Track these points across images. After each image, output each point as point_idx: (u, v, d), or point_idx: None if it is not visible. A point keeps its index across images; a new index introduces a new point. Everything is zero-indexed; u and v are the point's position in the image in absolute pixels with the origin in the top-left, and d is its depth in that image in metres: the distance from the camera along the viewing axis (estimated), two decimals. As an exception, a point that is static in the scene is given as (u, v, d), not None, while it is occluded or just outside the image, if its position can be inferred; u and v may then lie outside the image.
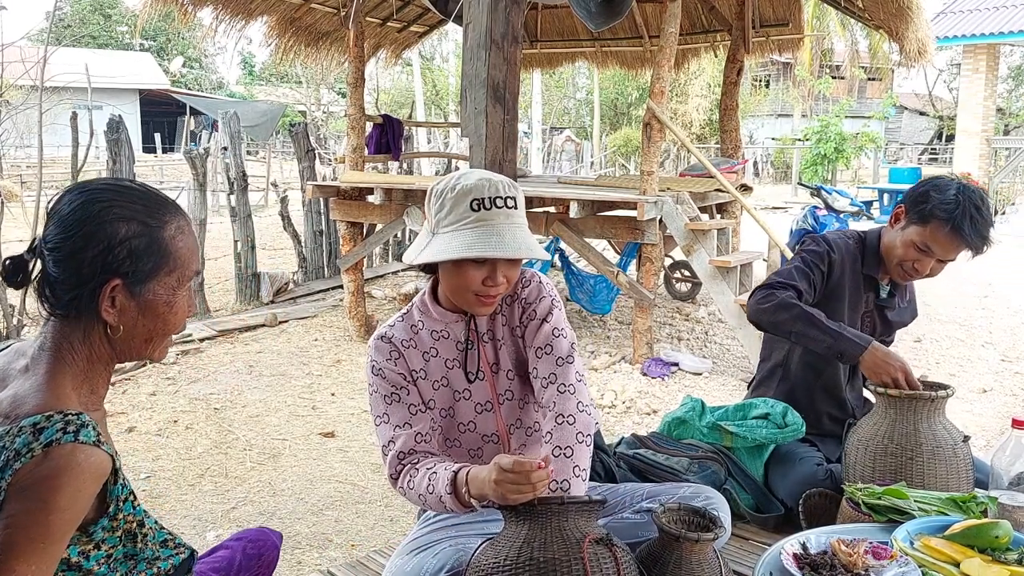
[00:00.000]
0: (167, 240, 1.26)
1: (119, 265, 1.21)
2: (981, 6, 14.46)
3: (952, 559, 1.51)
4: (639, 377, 5.31)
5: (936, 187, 2.18)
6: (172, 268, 1.27)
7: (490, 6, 4.75)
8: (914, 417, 1.90)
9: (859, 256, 2.34)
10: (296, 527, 3.32)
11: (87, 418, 1.17)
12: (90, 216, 1.21)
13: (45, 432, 1.13)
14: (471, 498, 1.48)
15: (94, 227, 1.20)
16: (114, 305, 1.22)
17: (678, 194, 5.59)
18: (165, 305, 1.27)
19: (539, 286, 1.74)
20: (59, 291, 1.21)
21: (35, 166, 7.54)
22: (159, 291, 1.26)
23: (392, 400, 1.68)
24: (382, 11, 7.89)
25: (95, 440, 1.15)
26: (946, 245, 2.16)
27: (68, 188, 1.27)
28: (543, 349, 1.68)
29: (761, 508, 2.18)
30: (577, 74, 27.55)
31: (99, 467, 1.15)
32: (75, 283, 1.20)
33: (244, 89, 36.63)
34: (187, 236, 1.30)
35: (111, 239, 1.21)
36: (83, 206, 1.22)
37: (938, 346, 6.11)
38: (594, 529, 1.40)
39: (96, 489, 1.15)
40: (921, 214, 2.17)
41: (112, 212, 1.22)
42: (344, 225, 6.52)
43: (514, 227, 1.57)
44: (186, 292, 1.31)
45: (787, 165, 23.45)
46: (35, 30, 19.26)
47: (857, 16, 7.12)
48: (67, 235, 1.20)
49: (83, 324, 1.24)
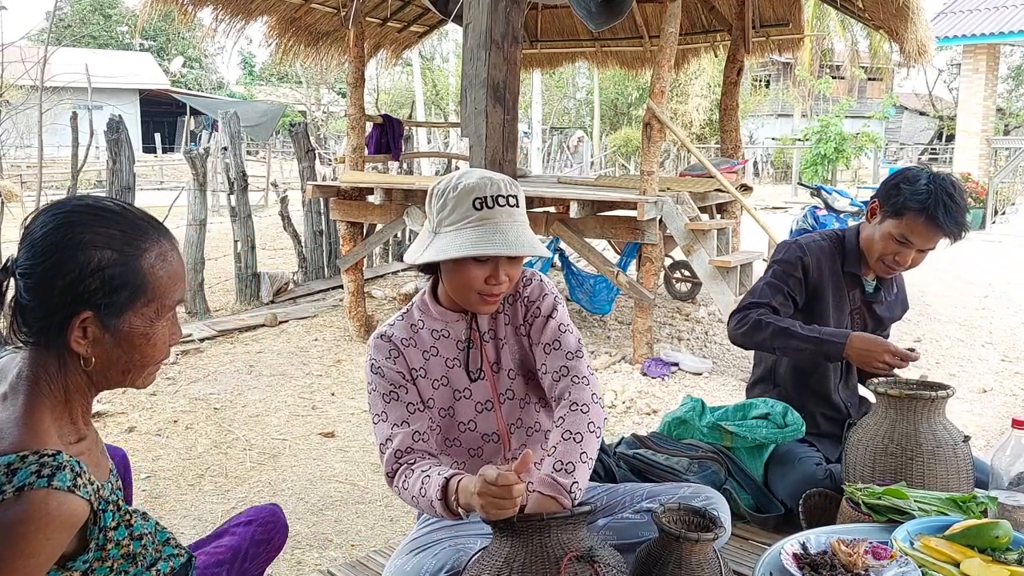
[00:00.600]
0: (145, 269, 1.17)
1: (90, 296, 1.13)
2: (981, 6, 14.46)
3: (952, 559, 1.51)
4: (639, 377, 5.31)
5: (907, 179, 2.19)
6: (150, 299, 1.18)
7: (490, 6, 4.75)
8: (914, 417, 1.91)
9: (838, 255, 2.34)
10: (296, 527, 3.32)
11: (64, 458, 1.11)
12: (62, 242, 1.13)
13: (19, 474, 1.07)
14: (460, 508, 1.46)
15: (65, 254, 1.13)
16: (85, 336, 1.15)
17: (678, 194, 5.59)
18: (142, 336, 1.19)
19: (540, 284, 1.75)
20: (29, 318, 1.14)
21: (35, 166, 7.54)
22: (135, 322, 1.18)
23: (390, 398, 1.68)
24: (382, 11, 7.89)
25: (69, 485, 1.09)
26: (923, 235, 2.16)
27: (44, 208, 1.19)
28: (551, 345, 1.69)
29: (761, 508, 2.18)
30: (577, 74, 27.55)
31: (71, 515, 1.09)
32: (45, 312, 1.13)
33: (244, 89, 36.64)
34: (169, 264, 1.21)
35: (83, 268, 1.13)
36: (56, 230, 1.14)
37: (938, 346, 6.11)
38: (579, 543, 1.38)
39: (68, 536, 1.10)
40: (895, 207, 2.18)
41: (85, 238, 1.14)
42: (344, 225, 6.52)
43: (516, 225, 1.57)
44: (166, 322, 1.22)
45: (787, 165, 23.45)
46: (35, 30, 19.27)
47: (857, 16, 7.12)
48: (37, 261, 1.13)
49: (57, 353, 1.17)
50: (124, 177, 6.03)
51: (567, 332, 1.71)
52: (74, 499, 1.09)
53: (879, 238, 2.24)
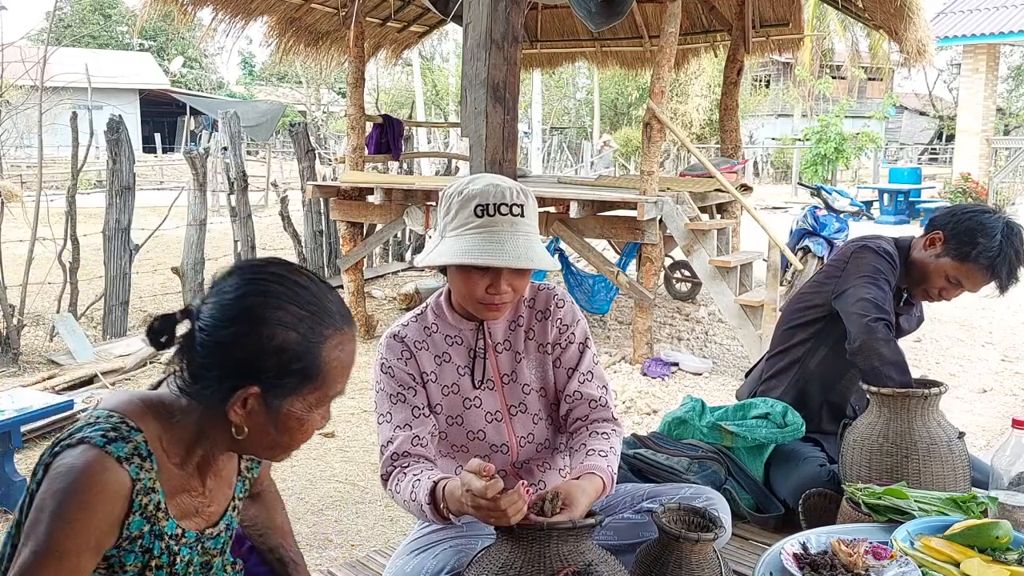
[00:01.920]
0: (323, 358, 1.14)
1: (263, 373, 1.10)
2: (981, 6, 14.45)
3: (952, 559, 1.51)
4: (639, 377, 5.31)
5: (983, 230, 2.15)
6: (318, 387, 1.15)
7: (490, 6, 4.75)
8: (908, 415, 1.91)
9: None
10: (296, 527, 3.31)
11: (139, 436, 1.10)
12: (251, 311, 1.10)
13: (92, 427, 1.08)
14: (450, 513, 1.46)
15: (251, 326, 1.09)
16: (244, 407, 1.12)
17: (678, 194, 5.59)
18: (297, 421, 1.16)
19: (573, 308, 1.77)
20: (197, 373, 1.12)
21: (35, 166, 7.54)
22: (296, 406, 1.15)
23: (397, 400, 1.67)
24: (382, 11, 7.89)
25: (124, 455, 1.08)
26: (979, 283, 2.21)
27: (239, 265, 1.17)
28: (585, 376, 1.73)
29: (761, 508, 2.18)
30: (577, 74, 27.55)
31: (112, 484, 1.07)
32: (214, 375, 1.11)
33: (244, 89, 36.65)
34: (345, 355, 1.18)
35: (266, 344, 1.09)
36: (248, 297, 1.11)
37: (938, 346, 6.11)
38: (580, 556, 1.35)
39: (110, 509, 1.08)
40: (962, 254, 2.18)
41: (276, 315, 1.10)
42: (344, 225, 6.52)
43: (517, 235, 1.54)
44: (323, 410, 1.20)
45: (787, 165, 23.44)
46: (35, 30, 19.28)
47: (857, 16, 7.12)
48: (221, 323, 1.10)
49: (209, 410, 1.14)
50: (124, 177, 6.03)
51: (598, 364, 1.77)
52: (119, 470, 1.07)
53: (934, 271, 2.24)
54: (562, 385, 1.74)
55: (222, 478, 1.27)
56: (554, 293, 1.76)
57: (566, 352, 1.73)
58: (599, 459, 1.58)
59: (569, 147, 24.74)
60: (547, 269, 1.59)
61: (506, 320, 1.72)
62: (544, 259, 1.56)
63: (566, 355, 1.73)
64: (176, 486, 1.18)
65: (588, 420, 1.71)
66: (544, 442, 1.76)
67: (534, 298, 1.75)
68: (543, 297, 1.75)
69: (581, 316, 1.78)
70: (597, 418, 1.71)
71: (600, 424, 1.70)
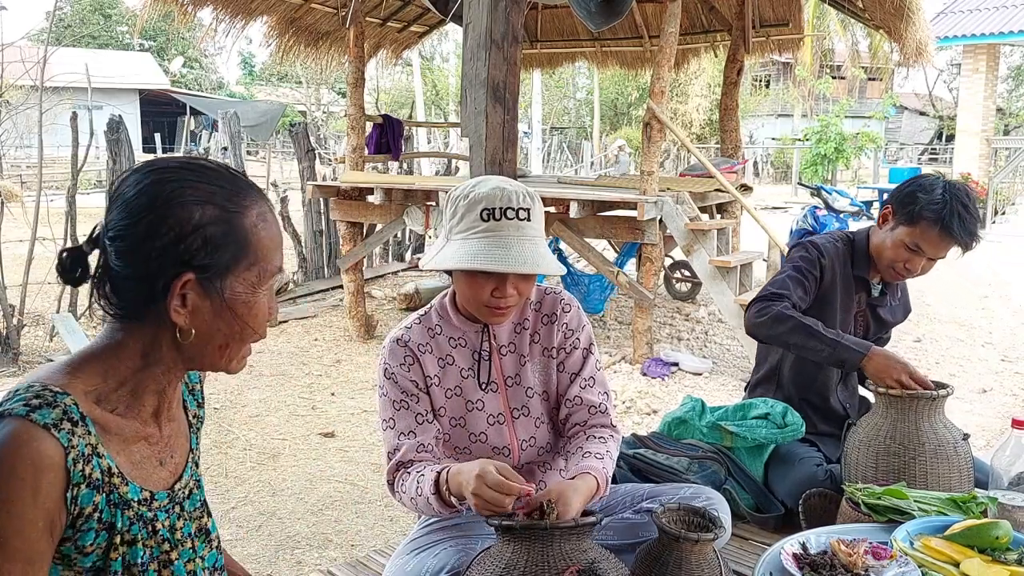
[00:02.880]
0: (248, 228, 1.07)
1: (192, 256, 1.03)
2: (981, 6, 14.45)
3: (952, 559, 1.51)
4: (639, 377, 5.31)
5: (922, 187, 2.19)
6: (253, 261, 1.08)
7: (490, 6, 4.75)
8: (915, 416, 1.91)
9: (848, 258, 2.35)
10: (296, 527, 3.32)
11: (66, 400, 0.99)
12: (160, 198, 1.03)
13: (12, 400, 0.98)
14: (452, 496, 1.47)
15: (164, 211, 1.03)
16: (185, 304, 1.05)
17: (678, 194, 5.59)
18: (244, 305, 1.09)
19: (579, 313, 1.77)
20: (122, 287, 1.04)
21: (35, 166, 7.54)
22: (237, 288, 1.08)
23: (400, 407, 1.66)
24: (382, 11, 7.89)
25: (52, 421, 0.97)
26: (936, 244, 2.17)
27: (134, 168, 1.09)
28: (587, 381, 1.74)
29: (761, 508, 2.18)
30: (577, 74, 27.55)
31: (44, 454, 0.96)
32: (141, 277, 1.03)
33: (244, 89, 36.66)
34: (270, 225, 1.12)
35: (183, 225, 1.03)
36: (152, 186, 1.04)
37: (938, 346, 6.11)
38: (582, 554, 1.36)
39: (48, 481, 0.97)
40: (909, 215, 2.18)
41: (185, 193, 1.04)
42: (344, 225, 6.52)
43: (523, 240, 1.53)
44: (267, 291, 1.12)
45: (787, 165, 23.45)
46: (35, 30, 19.29)
47: (857, 16, 7.12)
48: (132, 220, 1.03)
49: (148, 328, 1.06)
50: (124, 177, 6.05)
51: (602, 370, 1.77)
52: (47, 437, 0.96)
53: (891, 244, 2.24)
54: (564, 389, 1.74)
55: (177, 422, 1.19)
56: (561, 297, 1.75)
57: (570, 357, 1.73)
58: (594, 461, 1.59)
59: (569, 147, 24.75)
60: (554, 274, 1.58)
61: (511, 323, 1.72)
62: (551, 264, 1.56)
63: (570, 360, 1.73)
64: (130, 436, 1.09)
65: (587, 425, 1.72)
66: (546, 445, 1.76)
67: (540, 301, 1.75)
68: (550, 301, 1.75)
69: (587, 321, 1.78)
70: (596, 424, 1.72)
71: (598, 430, 1.71)
